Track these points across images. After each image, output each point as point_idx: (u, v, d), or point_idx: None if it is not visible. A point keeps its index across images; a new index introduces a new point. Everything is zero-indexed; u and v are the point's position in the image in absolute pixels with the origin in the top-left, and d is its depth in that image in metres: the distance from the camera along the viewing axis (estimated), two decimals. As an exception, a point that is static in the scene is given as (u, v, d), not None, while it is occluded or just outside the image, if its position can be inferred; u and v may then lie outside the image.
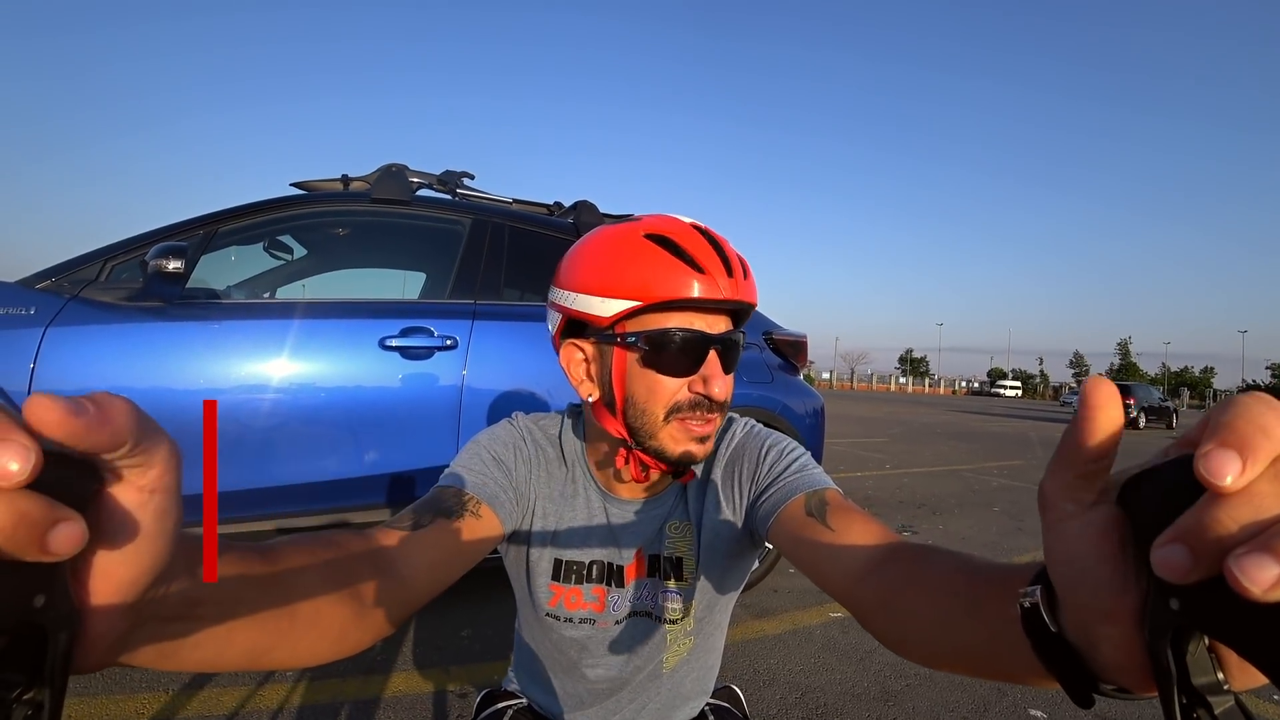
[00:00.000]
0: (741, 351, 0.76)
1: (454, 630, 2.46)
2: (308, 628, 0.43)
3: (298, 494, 2.16)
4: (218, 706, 1.86)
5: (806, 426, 3.00)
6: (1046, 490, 0.28)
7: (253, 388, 2.12)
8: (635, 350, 0.70)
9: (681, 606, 0.81)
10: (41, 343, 1.94)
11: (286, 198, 2.51)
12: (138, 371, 2.02)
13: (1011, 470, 8.11)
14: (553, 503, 0.80)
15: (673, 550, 0.80)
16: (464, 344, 2.39)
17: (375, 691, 2.00)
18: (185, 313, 2.12)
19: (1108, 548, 0.26)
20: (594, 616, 0.80)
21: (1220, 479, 0.20)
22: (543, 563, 0.80)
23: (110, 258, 2.18)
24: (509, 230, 2.71)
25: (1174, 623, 0.23)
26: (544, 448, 0.82)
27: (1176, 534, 0.22)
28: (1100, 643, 0.28)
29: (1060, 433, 0.31)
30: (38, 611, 0.23)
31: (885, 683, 2.25)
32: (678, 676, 0.85)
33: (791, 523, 0.67)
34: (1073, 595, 0.28)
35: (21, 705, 0.23)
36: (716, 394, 0.69)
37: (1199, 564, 0.21)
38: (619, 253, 0.71)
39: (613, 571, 0.80)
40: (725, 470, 0.80)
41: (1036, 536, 4.52)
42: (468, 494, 0.69)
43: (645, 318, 0.70)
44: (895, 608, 0.50)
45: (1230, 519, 0.20)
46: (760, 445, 0.79)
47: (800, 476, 0.72)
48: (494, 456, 0.75)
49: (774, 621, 2.75)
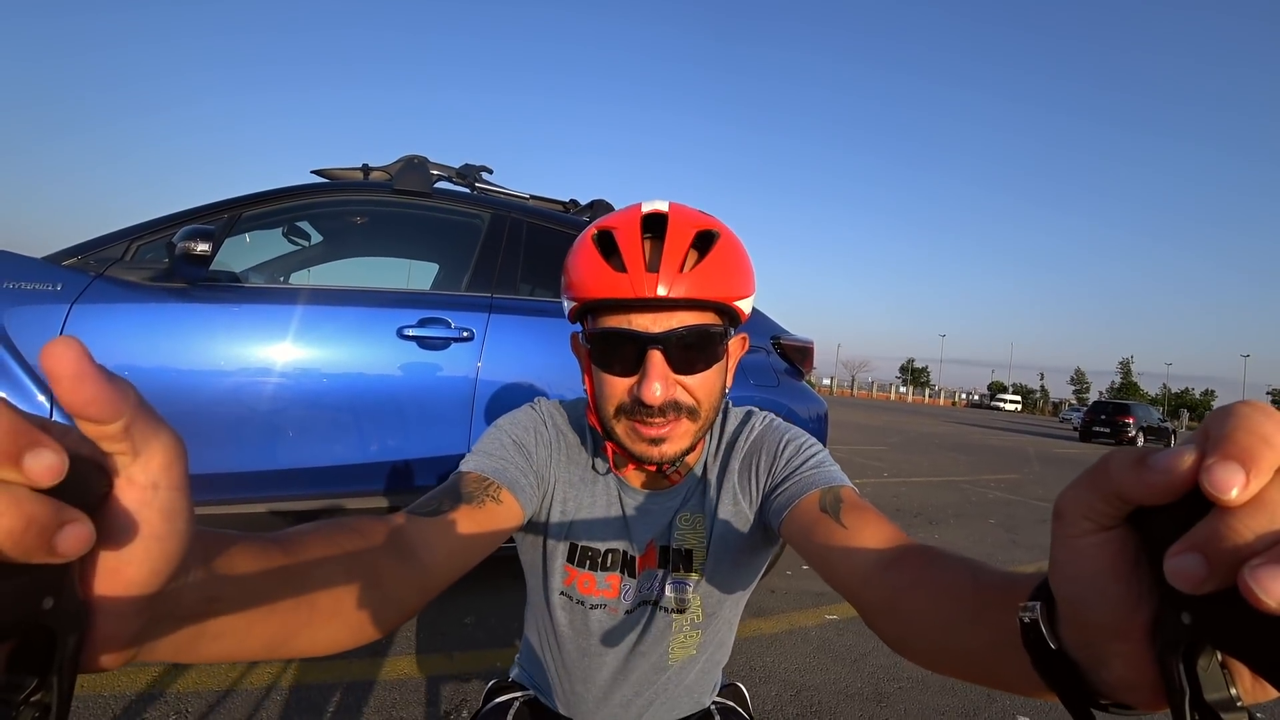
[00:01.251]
0: (725, 346, 0.73)
1: (458, 617, 2.51)
2: (328, 617, 0.43)
3: (309, 478, 2.20)
4: (212, 677, 1.90)
5: (810, 431, 3.00)
6: (1066, 505, 0.27)
7: (273, 370, 2.16)
8: (588, 348, 0.73)
9: (689, 597, 0.81)
10: (67, 319, 1.98)
11: (311, 185, 2.55)
12: (160, 351, 2.05)
13: (1008, 484, 8.14)
14: (572, 488, 0.81)
15: (682, 542, 0.80)
16: (480, 336, 2.43)
17: (379, 674, 2.04)
18: (209, 295, 2.16)
19: (1121, 565, 0.25)
20: (605, 603, 0.81)
21: (1225, 492, 0.20)
22: (560, 546, 0.81)
23: (136, 238, 2.21)
24: (527, 226, 2.74)
25: (1186, 637, 0.23)
26: (564, 433, 0.82)
27: (1190, 544, 0.21)
28: (1109, 659, 0.27)
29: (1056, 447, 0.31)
30: (46, 614, 0.23)
31: (878, 684, 2.29)
32: (683, 671, 0.85)
33: (805, 518, 0.67)
34: (1081, 612, 0.27)
35: (29, 707, 0.23)
36: (646, 397, 0.67)
37: (1213, 574, 0.20)
38: (573, 251, 0.73)
39: (627, 561, 0.81)
40: (743, 463, 0.80)
41: (1031, 550, 4.56)
42: (489, 479, 0.69)
43: (597, 316, 0.71)
44: (900, 609, 0.50)
45: (1245, 528, 0.20)
46: (779, 439, 0.79)
47: (817, 472, 0.72)
48: (515, 440, 0.76)
49: (771, 621, 2.79)
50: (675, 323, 0.68)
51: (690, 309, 0.69)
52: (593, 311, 0.72)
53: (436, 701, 1.94)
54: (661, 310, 0.68)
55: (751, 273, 0.75)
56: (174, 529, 0.27)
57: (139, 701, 1.77)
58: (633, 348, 0.68)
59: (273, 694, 1.86)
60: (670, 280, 0.67)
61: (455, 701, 1.95)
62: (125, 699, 1.77)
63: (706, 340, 0.70)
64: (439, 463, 2.35)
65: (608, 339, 0.70)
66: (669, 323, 0.68)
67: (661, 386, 0.67)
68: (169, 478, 0.26)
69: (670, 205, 0.72)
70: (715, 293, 0.69)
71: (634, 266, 0.67)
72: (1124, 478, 0.24)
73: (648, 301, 0.67)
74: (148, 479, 0.25)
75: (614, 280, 0.67)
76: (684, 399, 0.70)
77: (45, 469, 0.21)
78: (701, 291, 0.68)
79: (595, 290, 0.69)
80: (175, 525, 0.27)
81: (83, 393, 0.22)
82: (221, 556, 0.34)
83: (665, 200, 0.73)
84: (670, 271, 0.67)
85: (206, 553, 0.33)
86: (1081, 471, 0.27)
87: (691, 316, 0.69)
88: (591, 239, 0.71)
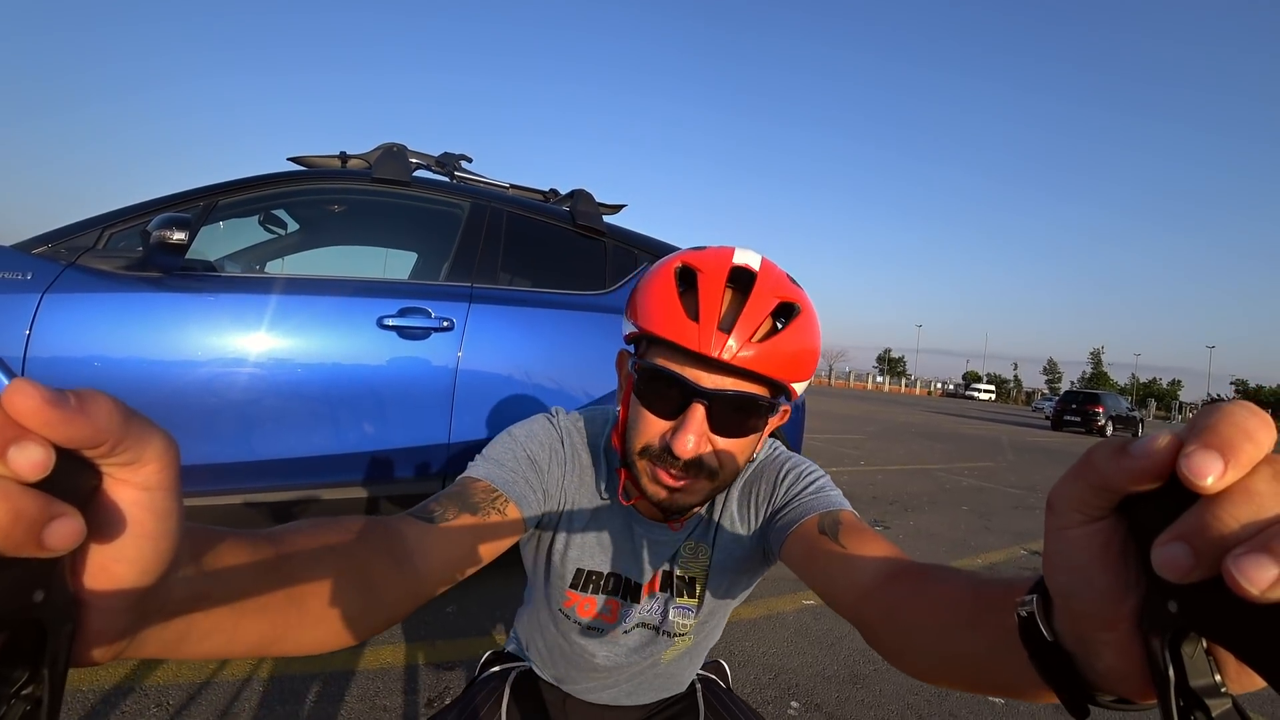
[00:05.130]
0: (767, 420, 0.70)
1: (440, 605, 2.51)
2: (318, 619, 0.43)
3: (286, 469, 2.18)
4: (194, 666, 1.89)
5: (787, 422, 3.07)
6: (1056, 498, 0.27)
7: (249, 361, 2.14)
8: (634, 376, 0.70)
9: (689, 622, 0.82)
10: (38, 309, 1.93)
11: (288, 173, 2.52)
12: (135, 342, 2.02)
13: (981, 471, 8.30)
14: (580, 510, 0.79)
15: (686, 570, 0.81)
16: (460, 326, 2.42)
17: (361, 664, 2.05)
18: (184, 284, 2.12)
19: (1109, 554, 0.26)
20: (603, 626, 0.82)
21: (1201, 479, 0.21)
22: (564, 566, 0.80)
23: (108, 225, 2.16)
24: (506, 215, 2.73)
25: (1172, 625, 0.23)
26: (580, 452, 0.80)
27: (1177, 533, 0.22)
28: (1100, 650, 0.28)
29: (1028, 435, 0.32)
30: (37, 607, 0.23)
31: (854, 666, 2.35)
32: (674, 666, 0.90)
33: (804, 541, 0.67)
34: (1072, 602, 0.28)
35: (20, 700, 0.23)
36: (677, 449, 0.64)
37: (1200, 563, 0.21)
38: (650, 276, 0.70)
39: (630, 587, 0.81)
40: (743, 491, 0.80)
41: (1003, 535, 4.68)
42: (497, 491, 0.68)
43: (653, 349, 0.69)
44: (899, 620, 0.50)
45: (1231, 518, 0.20)
46: (780, 467, 0.79)
47: (817, 498, 0.72)
48: (529, 455, 0.74)
49: (750, 606, 2.83)
50: (729, 384, 0.66)
51: (747, 378, 0.67)
52: (650, 342, 0.70)
53: (418, 690, 1.94)
54: (719, 370, 0.66)
55: (818, 354, 0.72)
56: (165, 528, 0.27)
57: (117, 694, 1.75)
58: (679, 394, 0.66)
59: (254, 685, 1.86)
60: (740, 345, 0.64)
61: (438, 689, 1.96)
62: (104, 692, 1.76)
63: (753, 409, 0.68)
64: (419, 453, 2.35)
65: (656, 378, 0.67)
66: (722, 382, 0.66)
67: (695, 441, 0.65)
68: (161, 480, 0.26)
69: (762, 263, 0.69)
70: (778, 370, 0.67)
71: (708, 319, 0.64)
72: (1106, 466, 0.24)
73: (709, 359, 0.64)
74: (141, 482, 0.25)
75: (684, 326, 0.64)
76: (709, 460, 0.68)
77: (31, 464, 0.21)
78: (765, 365, 0.65)
79: (663, 329, 0.66)
80: (167, 525, 0.27)
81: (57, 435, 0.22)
82: (211, 553, 0.34)
83: (758, 255, 0.69)
84: (742, 337, 0.64)
85: (197, 549, 0.33)
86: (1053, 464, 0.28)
87: (745, 383, 0.67)
88: (674, 273, 0.68)
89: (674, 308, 0.65)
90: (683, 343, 0.64)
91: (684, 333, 0.64)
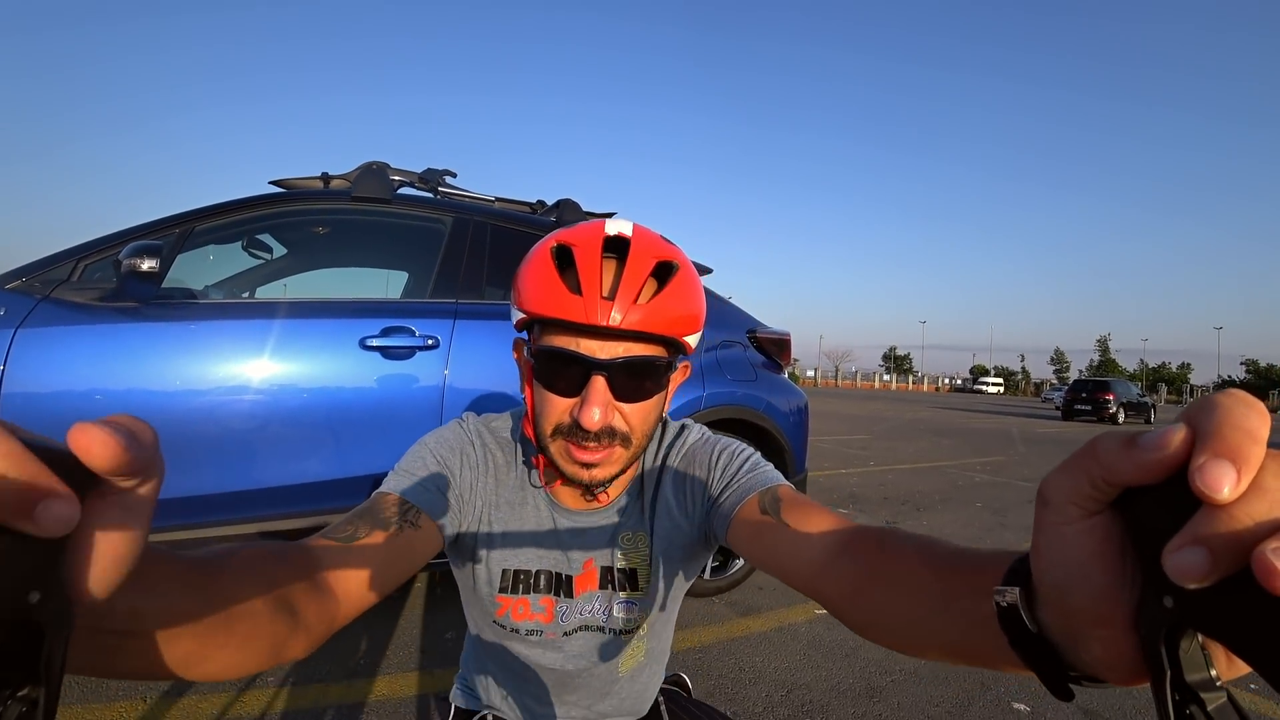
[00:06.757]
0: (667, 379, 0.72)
1: (438, 633, 2.44)
2: (243, 640, 0.43)
3: (277, 496, 2.12)
4: (197, 714, 1.83)
5: (790, 424, 3.00)
6: (1051, 491, 0.26)
7: (230, 389, 2.08)
8: (532, 362, 0.70)
9: (637, 617, 0.81)
10: (11, 345, 1.89)
11: (265, 196, 2.47)
12: (112, 374, 1.97)
13: (994, 466, 8.19)
14: (499, 510, 0.78)
15: (626, 562, 0.80)
16: (446, 344, 2.37)
17: (359, 696, 1.98)
18: (161, 313, 2.07)
19: (1108, 551, 0.25)
20: (541, 627, 0.79)
21: (1218, 492, 0.20)
22: (490, 570, 0.78)
23: (82, 257, 2.12)
24: (491, 229, 2.68)
25: (1169, 621, 0.23)
26: (493, 451, 0.80)
27: (1191, 537, 0.21)
28: (1089, 642, 0.27)
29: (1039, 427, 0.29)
30: (33, 608, 0.23)
31: (870, 679, 2.26)
32: (634, 678, 0.86)
33: (747, 524, 0.68)
34: (1064, 599, 0.27)
35: (16, 702, 0.23)
36: (585, 422, 0.65)
37: (1217, 566, 0.20)
38: (528, 261, 0.70)
39: (561, 582, 0.79)
40: (677, 477, 0.80)
41: (1019, 531, 4.57)
42: (409, 504, 0.67)
43: (544, 332, 0.69)
44: (862, 601, 0.50)
45: (1246, 515, 0.20)
46: (712, 450, 0.79)
47: (752, 476, 0.72)
48: (438, 460, 0.74)
49: (760, 619, 2.75)
50: (622, 350, 0.67)
51: (640, 340, 0.68)
52: (540, 325, 0.70)
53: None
54: (611, 337, 0.67)
55: (704, 307, 0.74)
56: (134, 549, 0.27)
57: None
58: (577, 370, 0.67)
59: None
60: (625, 310, 0.65)
61: None
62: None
63: (651, 371, 0.69)
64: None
65: (553, 358, 0.68)
66: (616, 350, 0.67)
67: (601, 412, 0.66)
68: (150, 501, 0.27)
69: (634, 229, 0.69)
70: (668, 327, 0.68)
71: (590, 290, 0.65)
72: (1114, 458, 0.24)
73: (599, 328, 0.65)
74: (133, 501, 0.26)
75: (567, 301, 0.65)
76: (620, 426, 0.69)
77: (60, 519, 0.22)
78: (654, 325, 0.67)
79: (547, 308, 0.66)
80: (136, 545, 0.27)
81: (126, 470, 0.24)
82: (149, 569, 0.33)
83: (629, 222, 0.70)
84: (626, 301, 0.65)
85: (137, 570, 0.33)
86: (1066, 455, 0.26)
87: (639, 346, 0.68)
88: (549, 252, 0.68)
89: (555, 286, 0.66)
90: (570, 317, 0.65)
91: (570, 308, 0.65)
